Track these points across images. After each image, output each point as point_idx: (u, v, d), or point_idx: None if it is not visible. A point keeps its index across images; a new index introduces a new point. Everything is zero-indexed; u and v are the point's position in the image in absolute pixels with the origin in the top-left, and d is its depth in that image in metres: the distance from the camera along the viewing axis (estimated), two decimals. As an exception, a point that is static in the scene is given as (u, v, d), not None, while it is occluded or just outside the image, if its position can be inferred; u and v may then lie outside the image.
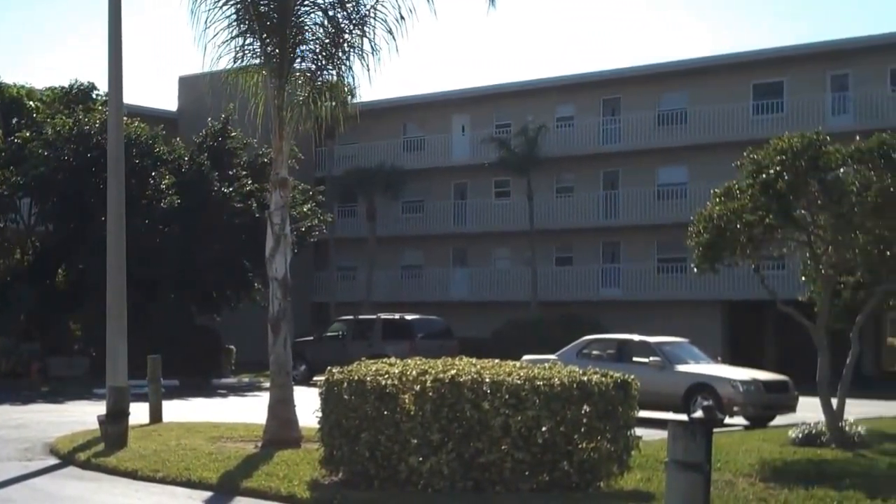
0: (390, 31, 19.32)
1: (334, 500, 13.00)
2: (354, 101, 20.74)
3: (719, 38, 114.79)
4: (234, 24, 19.43)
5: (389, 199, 56.21)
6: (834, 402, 19.46)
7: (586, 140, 53.52)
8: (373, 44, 19.46)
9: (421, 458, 13.12)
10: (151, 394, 22.74)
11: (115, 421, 18.38)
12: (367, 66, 19.46)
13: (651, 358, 25.57)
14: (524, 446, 13.16)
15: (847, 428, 19.28)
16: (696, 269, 20.52)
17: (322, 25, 19.86)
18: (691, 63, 51.62)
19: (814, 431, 19.13)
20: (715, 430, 19.16)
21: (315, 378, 30.64)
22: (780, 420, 24.30)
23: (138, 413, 20.55)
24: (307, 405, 16.68)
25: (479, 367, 13.93)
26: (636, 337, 27.28)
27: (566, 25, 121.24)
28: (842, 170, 19.42)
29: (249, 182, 40.95)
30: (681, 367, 25.48)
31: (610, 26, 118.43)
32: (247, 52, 19.67)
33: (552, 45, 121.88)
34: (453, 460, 13.08)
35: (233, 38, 19.47)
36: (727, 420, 24.20)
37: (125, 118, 26.84)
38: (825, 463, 16.63)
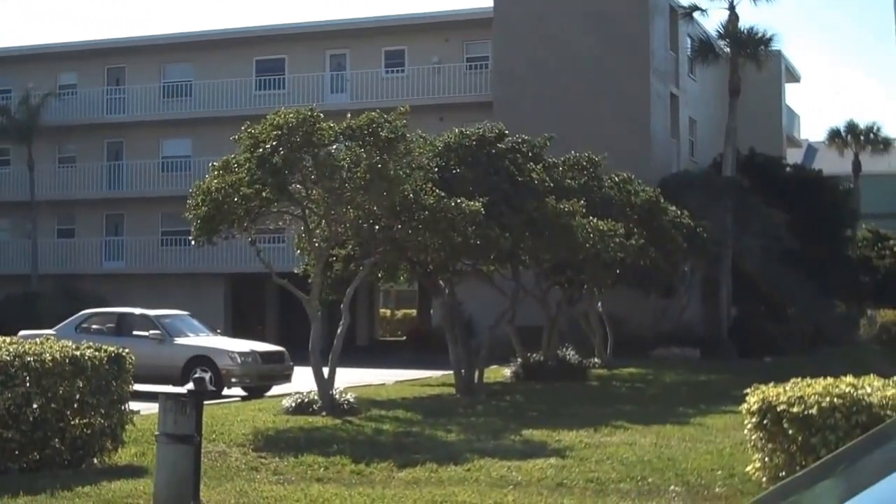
0: None
1: None
2: None
3: (225, 12, 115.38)
4: None
5: None
6: (326, 371, 20.22)
7: (90, 109, 52.44)
8: None
9: None
10: None
11: None
12: None
13: (151, 331, 25.48)
14: (14, 425, 12.89)
15: (337, 396, 20.08)
16: (193, 242, 20.63)
17: None
18: (196, 36, 51.72)
19: (306, 400, 19.77)
20: (213, 401, 19.60)
21: None
22: (276, 390, 24.92)
23: None
24: None
25: (-35, 344, 13.47)
26: (136, 310, 27.08)
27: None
28: (335, 146, 20.14)
29: None
30: (180, 340, 25.56)
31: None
32: None
33: (52, 10, 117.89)
34: (-66, 443, 12.59)
35: None
36: (226, 391, 24.54)
37: None
38: (315, 430, 17.28)
